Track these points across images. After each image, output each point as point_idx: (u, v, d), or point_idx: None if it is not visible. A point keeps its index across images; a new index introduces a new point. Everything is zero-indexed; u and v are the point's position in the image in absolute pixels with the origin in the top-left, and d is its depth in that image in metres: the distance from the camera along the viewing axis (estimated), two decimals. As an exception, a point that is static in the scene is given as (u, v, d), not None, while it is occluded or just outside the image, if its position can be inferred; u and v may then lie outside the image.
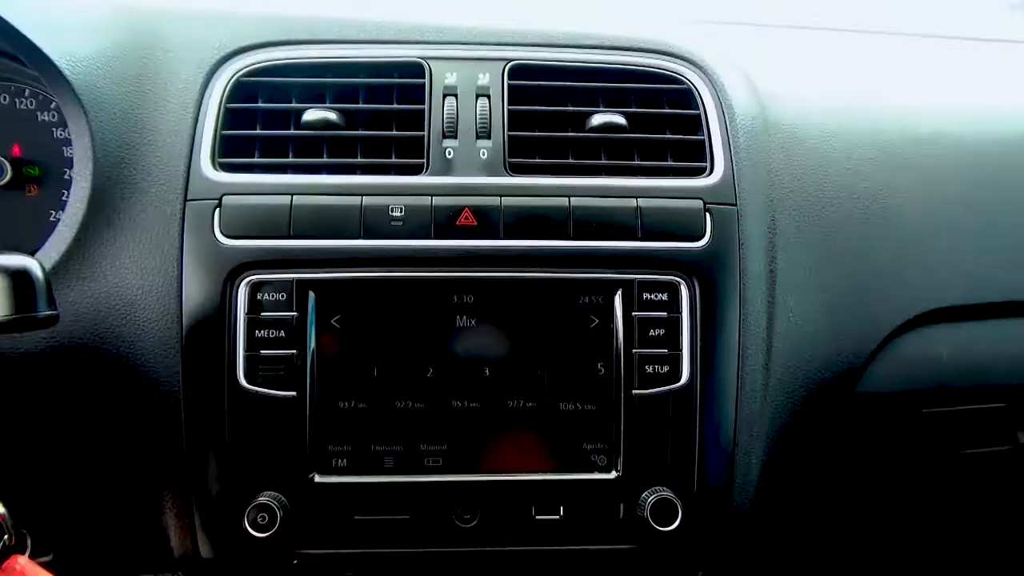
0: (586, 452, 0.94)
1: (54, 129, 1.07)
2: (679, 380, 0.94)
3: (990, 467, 1.22)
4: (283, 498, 0.90)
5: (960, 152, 1.14)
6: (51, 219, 1.05)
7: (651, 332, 0.94)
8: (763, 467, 0.98)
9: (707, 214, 0.97)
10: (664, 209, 0.96)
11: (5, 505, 0.86)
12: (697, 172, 1.00)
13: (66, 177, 1.06)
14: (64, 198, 1.05)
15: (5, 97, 1.07)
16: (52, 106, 1.07)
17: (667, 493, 0.92)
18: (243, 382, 0.91)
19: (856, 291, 1.03)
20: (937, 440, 1.14)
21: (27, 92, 1.07)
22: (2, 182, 1.04)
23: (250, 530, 0.89)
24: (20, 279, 0.71)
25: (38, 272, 0.73)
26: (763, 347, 0.97)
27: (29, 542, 0.88)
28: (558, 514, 0.94)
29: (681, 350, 0.94)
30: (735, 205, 0.98)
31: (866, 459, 1.19)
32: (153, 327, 0.92)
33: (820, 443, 1.07)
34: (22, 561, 0.85)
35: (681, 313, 0.94)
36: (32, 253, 0.87)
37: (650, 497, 0.92)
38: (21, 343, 0.91)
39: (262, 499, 0.90)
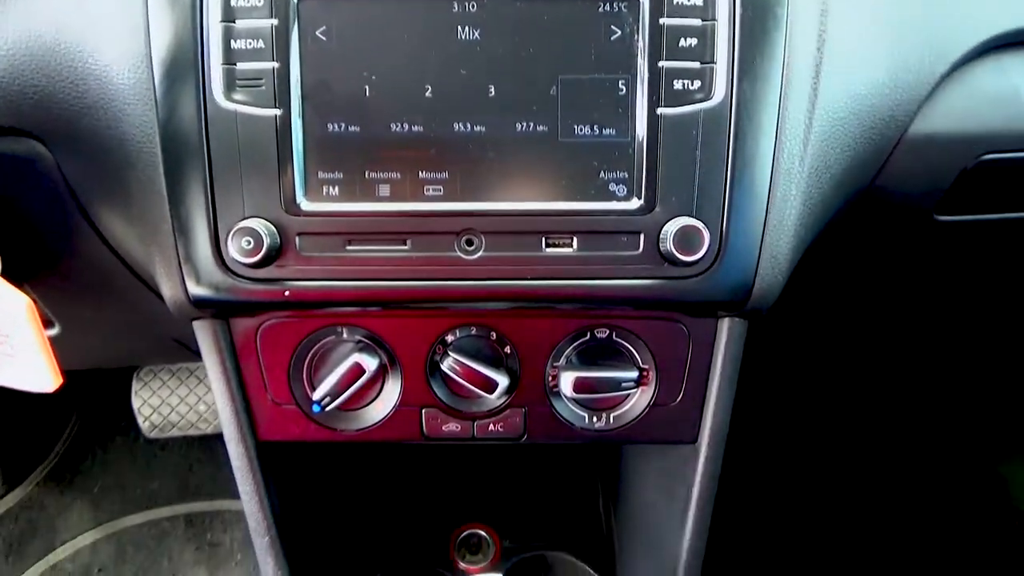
0: (604, 181, 0.84)
1: None
2: (712, 98, 0.82)
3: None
4: (270, 225, 0.83)
5: None
6: None
7: (681, 42, 0.82)
8: (802, 209, 0.87)
9: None
10: None
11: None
12: None
13: None
14: None
15: None
16: None
17: (694, 222, 0.83)
18: (220, 100, 0.82)
19: (923, 8, 0.88)
20: (992, 193, 1.02)
21: None
22: None
23: (235, 255, 0.83)
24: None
25: None
26: (811, 63, 0.84)
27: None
28: (571, 247, 0.86)
29: (715, 62, 0.82)
30: None
31: (908, 228, 1.08)
32: (119, 37, 0.82)
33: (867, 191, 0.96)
34: (-7, 277, 0.80)
35: (717, 20, 0.82)
36: None
37: (674, 227, 0.83)
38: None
39: (246, 223, 0.83)
